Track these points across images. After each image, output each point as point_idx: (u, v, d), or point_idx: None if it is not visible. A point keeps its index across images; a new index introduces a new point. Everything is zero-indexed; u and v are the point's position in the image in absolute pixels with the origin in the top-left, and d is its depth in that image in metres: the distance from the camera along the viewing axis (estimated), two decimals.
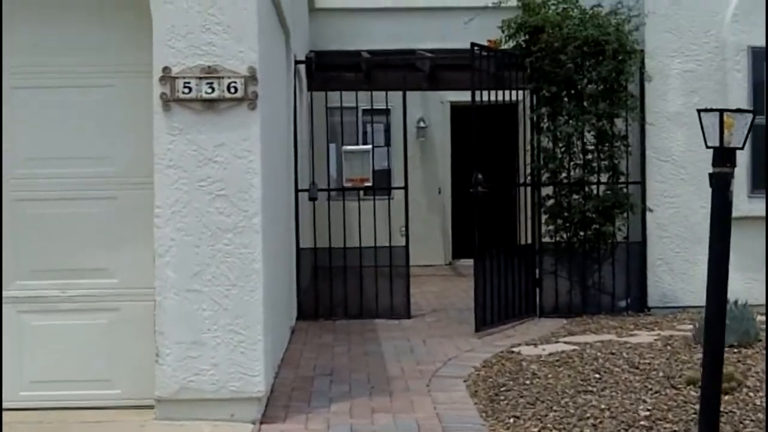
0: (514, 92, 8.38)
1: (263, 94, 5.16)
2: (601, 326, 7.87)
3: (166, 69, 4.99)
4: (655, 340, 7.08)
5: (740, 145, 4.00)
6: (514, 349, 6.96)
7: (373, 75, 10.85)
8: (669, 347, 6.71)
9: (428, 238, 13.71)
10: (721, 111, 4.01)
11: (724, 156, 4.00)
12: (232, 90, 5.00)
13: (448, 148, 14.06)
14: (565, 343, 7.14)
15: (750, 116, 4.07)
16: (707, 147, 4.04)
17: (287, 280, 7.57)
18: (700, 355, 6.36)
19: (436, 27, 12.84)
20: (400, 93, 8.93)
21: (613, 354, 6.47)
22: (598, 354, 6.49)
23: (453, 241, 14.10)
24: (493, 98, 8.15)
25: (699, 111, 4.07)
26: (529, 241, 8.73)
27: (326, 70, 11.25)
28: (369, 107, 9.17)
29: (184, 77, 4.99)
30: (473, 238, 8.00)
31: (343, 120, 10.46)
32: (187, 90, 4.99)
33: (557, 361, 6.36)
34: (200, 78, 4.99)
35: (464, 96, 13.87)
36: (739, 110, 4.21)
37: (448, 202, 14.04)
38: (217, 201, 5.01)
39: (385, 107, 13.07)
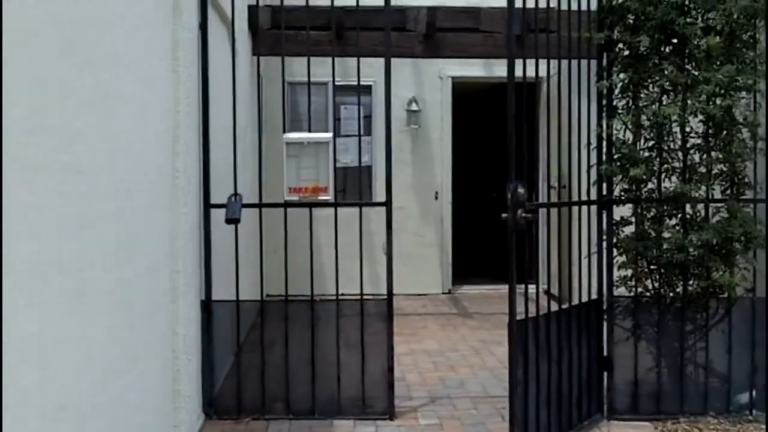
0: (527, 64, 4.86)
1: None
2: None
3: None
4: None
5: None
6: None
7: (347, 36, 8.01)
8: None
9: (421, 258, 10.39)
10: None
11: None
12: None
13: (449, 140, 10.65)
14: None
15: None
16: None
17: (153, 380, 4.05)
18: None
19: None
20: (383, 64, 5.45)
21: None
22: None
23: (454, 261, 10.69)
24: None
25: None
26: (593, 295, 5.31)
27: (279, 27, 8.01)
28: (342, 82, 5.81)
29: None
30: (481, 260, 4.60)
31: (308, 100, 7.15)
32: None
33: None
34: None
35: (471, 69, 10.58)
36: None
37: (447, 211, 10.62)
38: None
39: (366, 83, 9.86)
